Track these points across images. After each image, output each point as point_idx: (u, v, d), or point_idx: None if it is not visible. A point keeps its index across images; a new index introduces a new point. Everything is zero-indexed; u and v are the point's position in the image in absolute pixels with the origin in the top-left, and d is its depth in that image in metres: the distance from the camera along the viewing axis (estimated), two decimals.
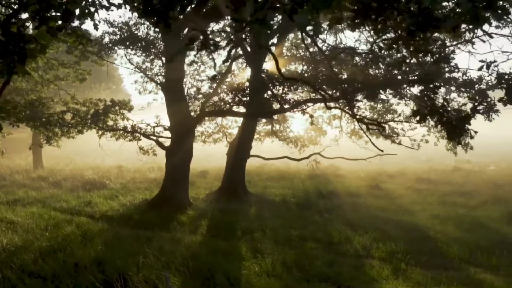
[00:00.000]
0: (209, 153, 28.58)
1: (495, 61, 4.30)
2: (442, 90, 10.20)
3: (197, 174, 20.98)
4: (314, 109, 21.17)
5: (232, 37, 17.08)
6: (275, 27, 14.29)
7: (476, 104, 3.68)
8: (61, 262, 7.21)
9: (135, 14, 12.57)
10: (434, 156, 27.98)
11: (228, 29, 17.38)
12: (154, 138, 13.11)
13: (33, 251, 7.78)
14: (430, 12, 2.50)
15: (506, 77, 4.53)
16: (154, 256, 7.43)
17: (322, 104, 19.96)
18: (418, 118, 3.76)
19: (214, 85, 13.23)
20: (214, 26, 18.57)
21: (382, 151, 16.50)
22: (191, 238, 9.49)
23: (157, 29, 12.79)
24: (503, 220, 11.29)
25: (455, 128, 3.56)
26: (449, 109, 3.58)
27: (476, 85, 8.64)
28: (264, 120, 21.06)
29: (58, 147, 15.81)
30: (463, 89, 9.17)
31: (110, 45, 13.54)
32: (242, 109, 14.51)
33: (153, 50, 13.62)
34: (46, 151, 31.46)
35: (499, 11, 2.49)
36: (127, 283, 6.20)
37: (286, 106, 11.82)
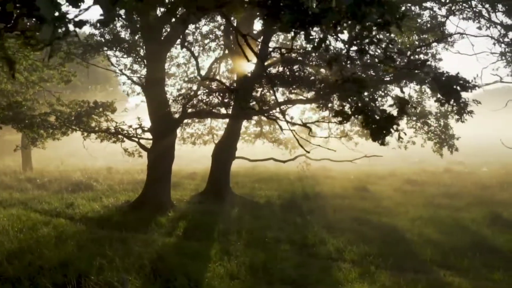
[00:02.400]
0: (202, 155, 28.58)
1: (427, 60, 4.22)
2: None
3: (186, 176, 20.98)
4: (303, 111, 21.19)
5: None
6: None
7: (401, 105, 3.61)
8: (26, 264, 7.19)
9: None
10: (427, 157, 27.83)
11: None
12: (136, 139, 13.07)
13: (1, 253, 7.76)
14: (308, 7, 2.45)
15: (443, 78, 4.43)
16: (120, 258, 7.41)
17: (310, 106, 20.08)
18: (340, 118, 3.70)
19: (195, 87, 13.21)
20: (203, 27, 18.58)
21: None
22: (165, 239, 9.45)
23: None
24: (484, 222, 11.19)
25: (381, 129, 3.50)
26: (375, 109, 3.53)
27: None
28: (254, 122, 21.07)
29: (43, 149, 15.82)
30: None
31: (92, 47, 13.51)
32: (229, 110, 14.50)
33: (135, 52, 13.60)
34: (39, 153, 31.51)
35: (383, 8, 2.43)
36: (81, 285, 6.15)
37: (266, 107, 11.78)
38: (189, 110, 12.74)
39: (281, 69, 11.33)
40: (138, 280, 6.45)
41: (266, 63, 13.20)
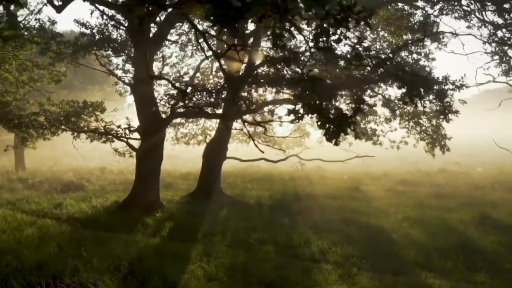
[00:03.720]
0: (198, 155, 28.51)
1: (389, 57, 4.13)
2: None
3: (180, 176, 20.93)
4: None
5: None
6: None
7: (358, 105, 3.53)
8: (3, 265, 7.13)
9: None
10: (424, 157, 27.75)
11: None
12: (125, 139, 13.01)
13: None
14: (230, 1, 2.38)
15: (408, 78, 4.34)
16: (99, 259, 7.34)
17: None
18: (292, 117, 3.62)
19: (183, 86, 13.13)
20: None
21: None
22: (149, 240, 9.39)
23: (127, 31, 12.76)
24: (472, 223, 11.09)
25: (335, 129, 3.42)
26: (330, 108, 3.46)
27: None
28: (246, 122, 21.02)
29: (34, 149, 15.78)
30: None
31: (82, 47, 13.46)
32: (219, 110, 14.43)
33: (125, 52, 13.55)
34: (35, 153, 31.48)
35: (312, 1, 2.36)
36: (50, 286, 6.09)
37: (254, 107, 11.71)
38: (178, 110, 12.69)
39: (266, 68, 11.27)
40: (113, 281, 6.38)
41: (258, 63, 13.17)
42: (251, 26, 16.44)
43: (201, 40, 8.21)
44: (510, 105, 19.52)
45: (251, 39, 14.40)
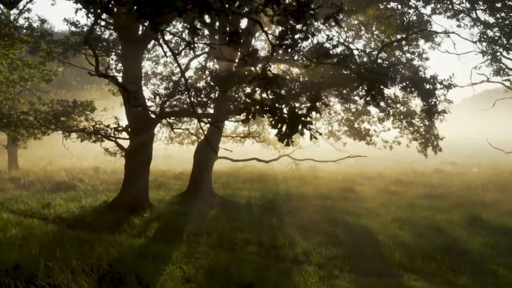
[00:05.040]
0: None
1: (351, 54, 4.04)
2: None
3: (173, 176, 20.88)
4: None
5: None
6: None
7: (311, 103, 3.43)
8: None
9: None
10: (420, 157, 27.65)
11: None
12: (113, 139, 12.94)
13: None
14: None
15: (367, 74, 4.24)
16: (78, 260, 7.27)
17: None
18: (243, 117, 3.54)
19: (171, 85, 13.05)
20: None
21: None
22: (133, 241, 9.31)
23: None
24: (461, 224, 11.00)
25: (288, 129, 3.33)
26: (283, 107, 3.37)
27: None
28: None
29: (25, 148, 15.76)
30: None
31: (71, 46, 13.41)
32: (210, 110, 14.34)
33: (114, 52, 13.49)
34: (31, 152, 31.46)
35: None
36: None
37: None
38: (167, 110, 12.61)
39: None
40: (88, 283, 6.30)
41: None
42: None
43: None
44: (509, 105, 19.40)
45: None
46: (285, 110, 3.79)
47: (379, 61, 9.41)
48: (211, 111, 13.33)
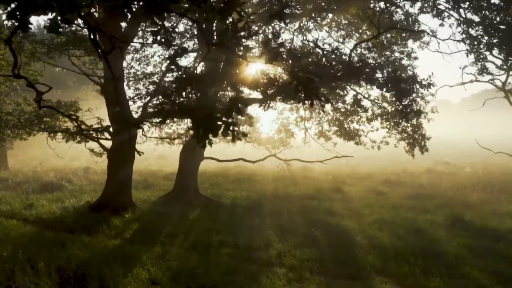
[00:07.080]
0: None
1: (280, 52, 3.95)
2: None
3: (163, 176, 20.81)
4: (280, 111, 20.90)
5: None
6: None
7: (231, 104, 3.34)
8: None
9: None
10: (416, 157, 27.56)
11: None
12: (96, 139, 12.88)
13: None
14: None
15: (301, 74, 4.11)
16: (46, 262, 7.22)
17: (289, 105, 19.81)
18: (162, 117, 3.45)
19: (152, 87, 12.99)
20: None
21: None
22: (108, 242, 9.24)
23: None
24: (444, 225, 10.90)
25: (205, 130, 3.24)
26: (204, 108, 3.29)
27: None
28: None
29: (11, 149, 15.72)
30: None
31: (55, 47, 13.35)
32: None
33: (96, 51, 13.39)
34: (24, 153, 31.50)
35: None
36: None
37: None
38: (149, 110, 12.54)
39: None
40: (49, 285, 6.24)
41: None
42: None
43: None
44: (508, 104, 19.20)
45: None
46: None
47: (355, 59, 9.31)
48: None
